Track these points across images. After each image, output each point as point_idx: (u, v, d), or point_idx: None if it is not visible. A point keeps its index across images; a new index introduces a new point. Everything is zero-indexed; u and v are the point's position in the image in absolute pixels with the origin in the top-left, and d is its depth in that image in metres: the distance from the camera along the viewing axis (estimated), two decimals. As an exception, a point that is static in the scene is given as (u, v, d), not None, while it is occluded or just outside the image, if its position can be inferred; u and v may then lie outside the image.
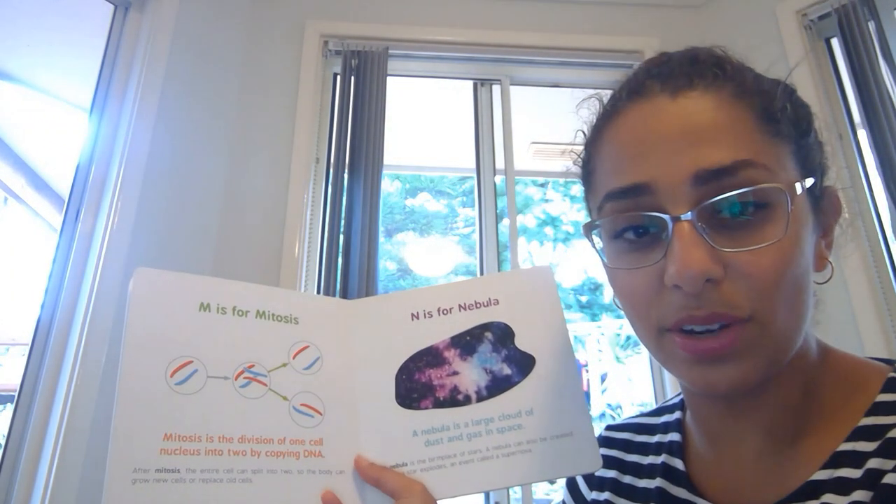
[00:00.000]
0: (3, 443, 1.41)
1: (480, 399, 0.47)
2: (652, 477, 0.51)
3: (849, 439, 0.40)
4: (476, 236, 2.08)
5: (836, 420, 0.41)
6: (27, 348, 1.47)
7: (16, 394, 1.42)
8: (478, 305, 0.50)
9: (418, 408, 0.48)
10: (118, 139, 1.64)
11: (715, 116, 0.39)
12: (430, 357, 0.49)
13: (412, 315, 0.51)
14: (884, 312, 1.64)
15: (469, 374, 0.48)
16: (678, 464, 0.50)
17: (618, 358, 4.96)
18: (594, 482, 0.58)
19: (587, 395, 4.67)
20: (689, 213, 0.38)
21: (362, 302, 0.53)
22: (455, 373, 0.48)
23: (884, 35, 1.73)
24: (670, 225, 0.39)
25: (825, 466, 0.40)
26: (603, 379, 4.98)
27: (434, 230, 6.10)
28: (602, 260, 0.45)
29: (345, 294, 1.75)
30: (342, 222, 1.84)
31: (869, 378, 0.43)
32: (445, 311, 0.51)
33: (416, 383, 0.49)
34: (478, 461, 0.45)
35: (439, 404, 0.47)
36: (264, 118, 2.00)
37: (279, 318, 0.48)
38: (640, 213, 0.40)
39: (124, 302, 0.43)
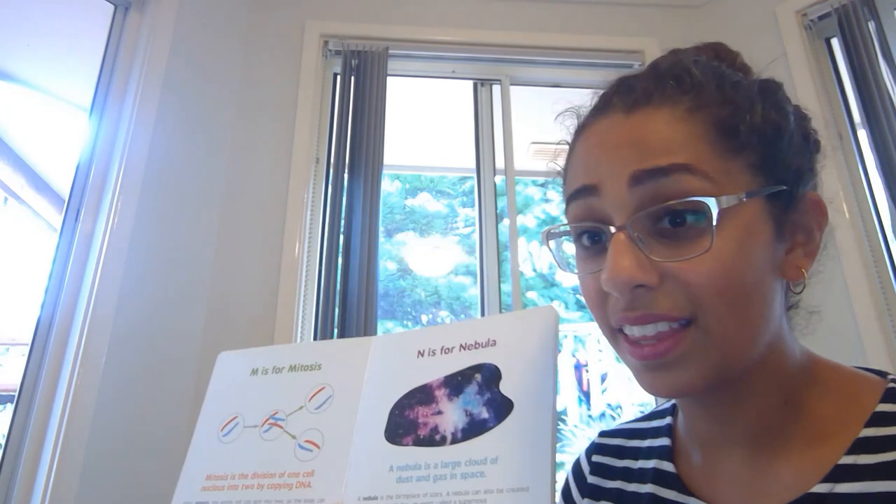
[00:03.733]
0: (3, 443, 1.41)
1: (454, 441, 0.46)
2: (642, 481, 0.52)
3: (850, 452, 0.39)
4: (476, 236, 2.08)
5: (831, 431, 0.41)
6: (27, 348, 1.47)
7: (16, 394, 1.42)
8: (477, 346, 0.50)
9: (400, 444, 0.48)
10: (118, 139, 1.64)
11: (663, 129, 0.41)
12: (422, 395, 0.50)
13: (418, 352, 0.52)
14: (884, 312, 1.64)
15: (451, 415, 0.48)
16: (668, 466, 0.50)
17: (618, 358, 4.94)
18: (585, 489, 0.58)
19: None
20: (627, 223, 0.40)
21: (377, 339, 0.56)
22: (439, 412, 0.48)
23: (884, 35, 1.73)
24: (611, 234, 0.41)
25: (826, 479, 0.39)
26: (603, 379, 4.98)
27: (434, 230, 6.10)
28: (557, 264, 0.48)
29: (345, 294, 1.75)
30: (342, 222, 1.84)
31: (862, 388, 0.43)
32: (447, 350, 0.51)
33: (405, 419, 0.49)
34: None
35: (418, 442, 0.48)
36: (264, 118, 2.00)
37: (306, 368, 0.55)
38: (589, 222, 0.44)
39: (124, 302, 0.46)
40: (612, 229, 0.41)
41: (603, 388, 4.95)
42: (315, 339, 1.81)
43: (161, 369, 1.60)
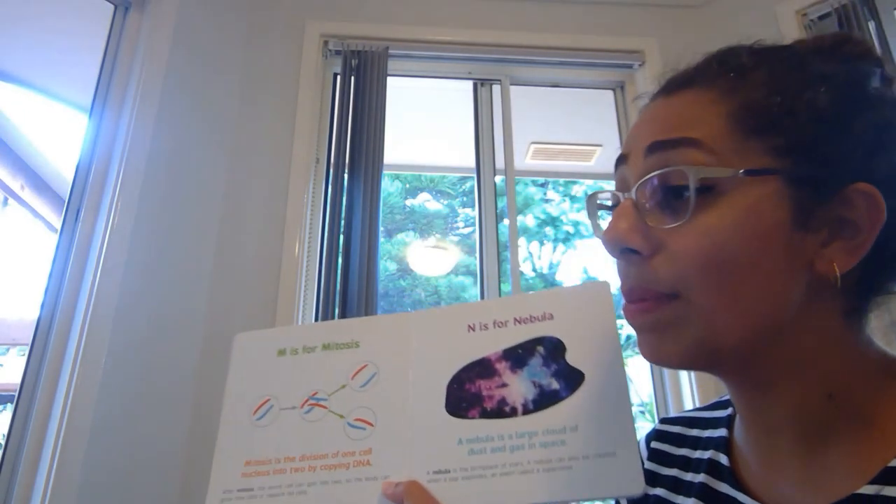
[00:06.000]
0: (3, 443, 1.41)
1: (526, 412, 0.47)
2: (697, 471, 0.51)
3: None
4: (476, 236, 2.08)
5: (889, 433, 0.40)
6: (27, 348, 1.47)
7: (16, 394, 1.42)
8: (532, 319, 0.50)
9: (465, 417, 0.48)
10: (118, 139, 1.64)
11: (690, 107, 0.43)
12: (481, 368, 0.50)
13: (469, 327, 0.52)
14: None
15: (518, 387, 0.48)
16: (723, 459, 0.50)
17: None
18: (646, 476, 0.58)
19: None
20: (633, 189, 0.43)
21: (420, 314, 0.55)
22: (504, 385, 0.48)
23: (884, 35, 1.73)
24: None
25: (874, 481, 0.38)
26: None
27: (434, 230, 6.10)
28: (594, 231, 0.51)
29: (345, 294, 1.75)
30: (342, 222, 1.84)
31: None
32: (501, 324, 0.51)
33: (466, 393, 0.49)
34: (518, 474, 0.45)
35: (486, 414, 0.47)
36: (264, 118, 2.00)
37: (342, 346, 0.54)
38: (615, 191, 0.48)
39: (124, 302, 0.45)
40: (623, 196, 0.44)
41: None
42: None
43: (161, 369, 1.60)
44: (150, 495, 1.52)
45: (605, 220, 0.48)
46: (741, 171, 0.39)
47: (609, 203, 0.49)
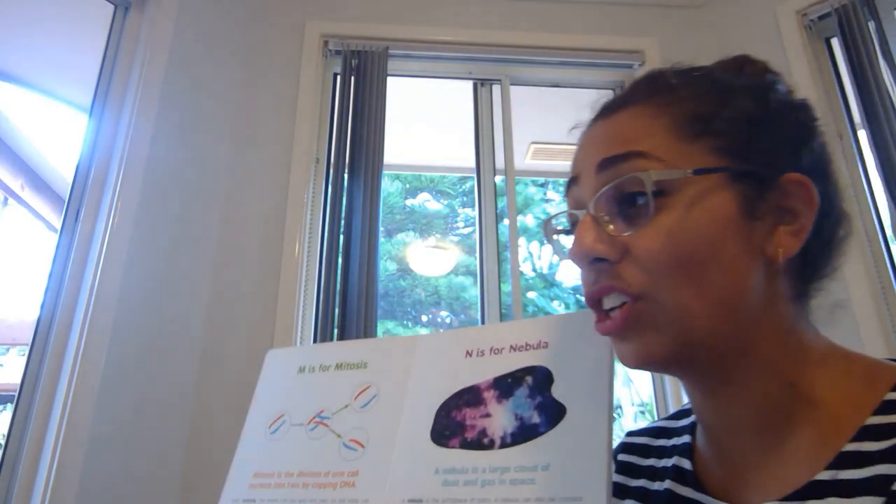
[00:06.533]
0: (3, 443, 1.41)
1: (503, 445, 0.45)
2: (663, 479, 0.52)
3: (854, 439, 0.40)
4: (476, 236, 2.08)
5: (840, 418, 0.41)
6: (27, 348, 1.47)
7: (16, 394, 1.42)
8: (528, 347, 0.49)
9: (446, 446, 0.47)
10: (118, 139, 1.64)
11: (630, 124, 0.46)
12: (470, 396, 0.49)
13: (466, 352, 0.52)
14: (884, 312, 1.64)
15: (500, 418, 0.47)
16: (686, 464, 0.51)
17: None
18: (614, 489, 0.58)
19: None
20: (590, 204, 0.45)
21: (426, 337, 0.55)
22: (488, 415, 0.47)
23: (884, 35, 1.73)
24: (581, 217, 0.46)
25: (830, 467, 0.40)
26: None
27: (434, 230, 6.10)
28: (555, 253, 0.52)
29: (345, 294, 1.75)
30: (342, 222, 1.84)
31: (879, 376, 0.42)
32: (497, 351, 0.50)
33: (451, 421, 0.48)
34: None
35: (465, 445, 0.47)
36: (264, 118, 2.00)
37: (352, 366, 0.56)
38: (572, 210, 0.50)
39: (124, 302, 0.46)
40: (581, 213, 0.46)
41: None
42: (315, 339, 1.82)
43: (161, 369, 1.60)
44: (150, 495, 1.52)
45: (565, 241, 0.50)
46: (690, 170, 0.42)
47: (566, 226, 0.51)
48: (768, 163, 0.44)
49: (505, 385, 0.48)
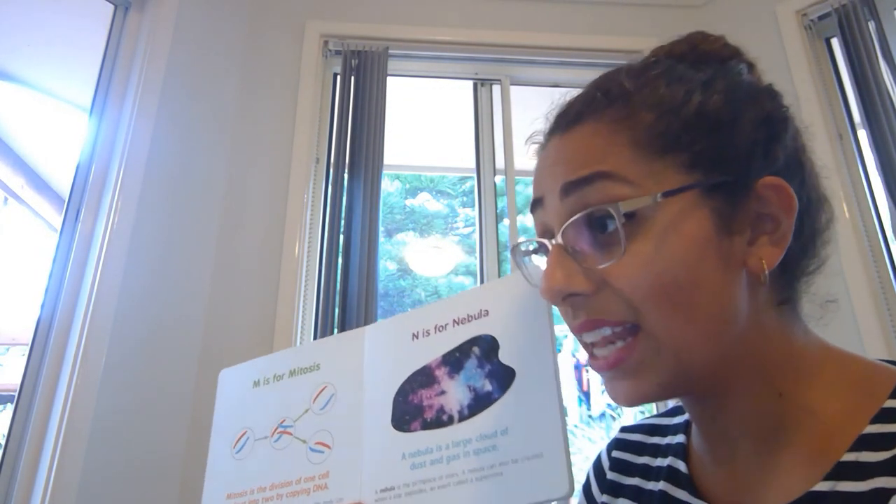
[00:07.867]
0: (3, 443, 1.41)
1: (462, 419, 0.46)
2: (658, 479, 0.51)
3: (852, 449, 0.38)
4: (476, 236, 2.08)
5: (837, 426, 0.40)
6: (27, 348, 1.47)
7: (16, 394, 1.42)
8: (469, 318, 0.49)
9: (408, 430, 0.48)
10: (118, 139, 1.64)
11: (590, 141, 0.43)
12: (423, 377, 0.49)
13: (413, 335, 0.51)
14: (884, 312, 1.64)
15: (454, 393, 0.47)
16: (681, 466, 0.50)
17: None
18: (605, 485, 0.58)
19: (583, 400, 4.68)
20: (559, 234, 0.42)
21: (371, 328, 0.54)
22: (443, 392, 0.48)
23: (884, 35, 1.73)
24: (549, 248, 0.43)
25: (828, 477, 0.38)
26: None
27: (434, 230, 6.10)
28: (527, 279, 0.49)
29: (345, 294, 1.75)
30: (342, 222, 1.84)
31: (877, 381, 0.41)
32: (441, 328, 0.50)
33: (409, 405, 0.49)
34: (454, 485, 0.44)
35: (426, 426, 0.47)
36: (264, 118, 2.00)
37: (305, 370, 0.55)
38: (539, 238, 0.47)
39: (124, 302, 0.46)
40: (550, 243, 0.43)
41: (603, 389, 4.94)
42: (315, 339, 1.81)
43: (161, 368, 1.60)
44: (150, 495, 1.52)
45: (535, 264, 0.48)
46: (659, 194, 0.40)
47: (534, 248, 0.49)
48: (741, 169, 0.41)
49: (454, 360, 0.49)
